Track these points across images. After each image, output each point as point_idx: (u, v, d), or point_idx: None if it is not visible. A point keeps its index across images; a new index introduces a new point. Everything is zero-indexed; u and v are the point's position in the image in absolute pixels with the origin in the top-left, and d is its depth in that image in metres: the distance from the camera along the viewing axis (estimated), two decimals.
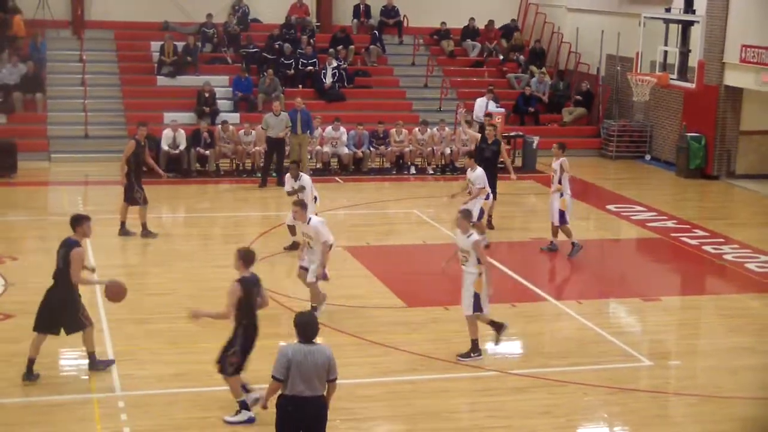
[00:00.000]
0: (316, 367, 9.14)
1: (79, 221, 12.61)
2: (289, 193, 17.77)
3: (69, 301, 12.24)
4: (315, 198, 17.98)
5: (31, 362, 12.26)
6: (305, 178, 17.95)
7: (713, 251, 19.37)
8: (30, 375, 12.27)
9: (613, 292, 16.97)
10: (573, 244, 18.38)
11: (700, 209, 23.65)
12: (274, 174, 23.82)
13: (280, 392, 9.23)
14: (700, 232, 20.77)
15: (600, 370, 13.24)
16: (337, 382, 9.42)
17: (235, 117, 26.74)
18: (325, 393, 9.30)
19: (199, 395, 12.06)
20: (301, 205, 14.61)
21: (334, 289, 16.43)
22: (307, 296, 14.96)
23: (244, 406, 11.35)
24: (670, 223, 21.54)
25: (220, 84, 28.16)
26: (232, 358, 11.22)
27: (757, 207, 23.72)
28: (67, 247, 12.30)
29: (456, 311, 15.42)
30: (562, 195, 18.31)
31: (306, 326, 9.28)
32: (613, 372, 13.17)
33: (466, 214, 13.56)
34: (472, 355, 13.30)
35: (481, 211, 19.00)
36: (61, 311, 12.21)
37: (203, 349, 13.46)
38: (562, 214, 18.31)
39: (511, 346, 14.52)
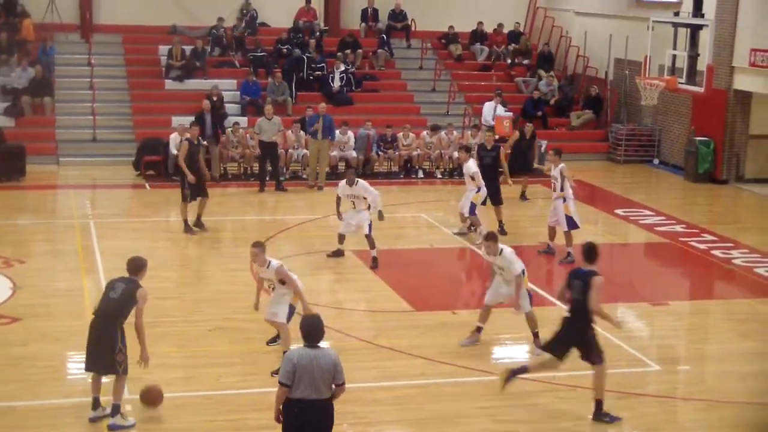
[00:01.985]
0: (322, 371, 9.14)
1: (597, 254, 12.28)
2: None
3: (589, 331, 11.94)
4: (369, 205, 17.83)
5: None
6: (362, 183, 17.82)
7: (722, 256, 19.31)
8: None
9: (622, 297, 16.86)
10: (568, 253, 18.29)
11: (708, 213, 23.60)
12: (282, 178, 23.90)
13: (287, 396, 9.25)
14: (709, 237, 20.70)
15: (609, 374, 13.16)
16: (345, 386, 9.38)
17: (243, 121, 26.71)
18: (330, 397, 9.29)
19: (208, 399, 12.05)
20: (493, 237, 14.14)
21: (342, 293, 16.47)
22: (317, 300, 14.95)
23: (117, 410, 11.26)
24: (678, 228, 21.48)
25: (228, 88, 28.17)
26: (119, 357, 11.09)
27: (767, 211, 23.64)
28: (586, 276, 12.00)
29: (464, 315, 15.42)
30: (565, 201, 18.31)
31: (310, 330, 9.30)
32: (621, 377, 13.10)
33: (259, 244, 12.97)
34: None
35: (473, 205, 19.07)
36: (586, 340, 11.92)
37: (211, 352, 13.50)
38: (570, 219, 18.27)
39: (519, 351, 14.50)
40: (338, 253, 18.01)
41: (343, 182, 17.90)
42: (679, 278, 18.71)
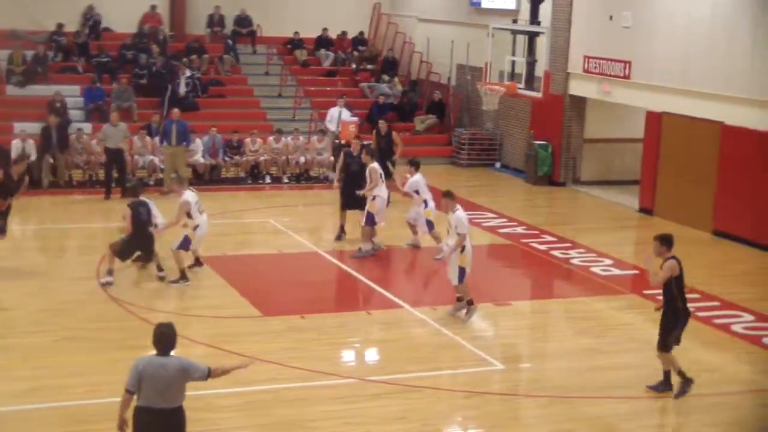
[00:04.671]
0: (169, 379, 9.12)
1: None
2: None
3: None
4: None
5: None
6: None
7: (561, 256, 20.01)
8: None
9: None
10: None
11: (548, 215, 24.35)
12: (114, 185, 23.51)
13: (135, 404, 9.22)
14: (549, 238, 21.41)
15: (455, 374, 13.56)
16: (196, 393, 9.39)
17: (87, 127, 26.27)
18: (182, 404, 9.27)
19: (55, 410, 11.89)
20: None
21: (189, 300, 16.44)
22: (164, 307, 14.92)
23: None
24: (520, 229, 22.15)
25: (71, 94, 27.66)
26: None
27: (602, 212, 24.53)
28: None
29: (312, 320, 15.60)
30: (426, 206, 19.15)
31: (160, 338, 9.27)
32: (467, 376, 13.50)
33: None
34: None
35: (429, 223, 19.46)
36: None
37: (57, 363, 13.33)
38: (429, 222, 19.20)
39: (367, 354, 14.77)
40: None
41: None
42: (521, 279, 19.32)
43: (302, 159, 26.19)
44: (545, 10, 25.53)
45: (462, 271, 15.48)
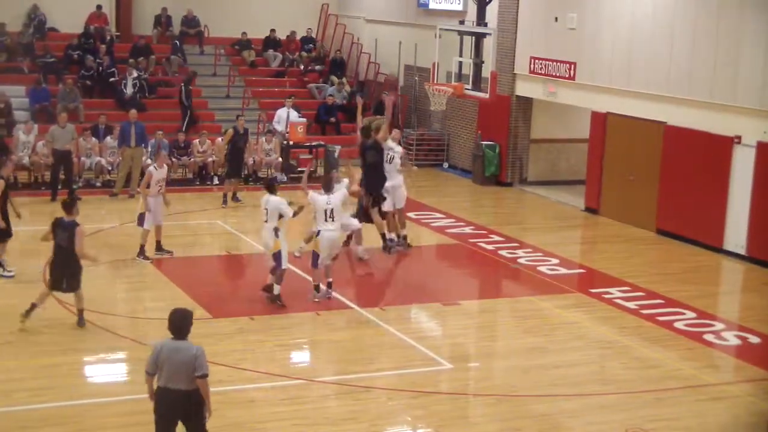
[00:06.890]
0: (182, 364, 9.64)
1: None
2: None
3: None
4: None
5: None
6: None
7: (508, 255, 20.18)
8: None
9: (415, 298, 17.41)
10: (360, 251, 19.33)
11: (495, 215, 24.52)
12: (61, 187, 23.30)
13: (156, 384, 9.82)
14: (496, 237, 21.59)
15: (403, 374, 13.63)
16: (208, 379, 9.80)
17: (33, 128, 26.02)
18: (194, 388, 9.75)
19: None
20: None
21: (138, 302, 16.38)
22: (112, 310, 14.81)
23: None
24: (467, 229, 22.30)
25: (16, 94, 27.38)
26: None
27: (548, 212, 24.78)
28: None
29: (261, 321, 15.62)
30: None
31: (176, 323, 9.82)
32: (415, 376, 13.59)
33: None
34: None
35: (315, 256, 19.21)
36: None
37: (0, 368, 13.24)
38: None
39: (317, 355, 14.82)
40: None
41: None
42: (469, 278, 19.45)
43: (251, 160, 26.15)
44: (492, 12, 25.73)
45: (315, 256, 16.28)
